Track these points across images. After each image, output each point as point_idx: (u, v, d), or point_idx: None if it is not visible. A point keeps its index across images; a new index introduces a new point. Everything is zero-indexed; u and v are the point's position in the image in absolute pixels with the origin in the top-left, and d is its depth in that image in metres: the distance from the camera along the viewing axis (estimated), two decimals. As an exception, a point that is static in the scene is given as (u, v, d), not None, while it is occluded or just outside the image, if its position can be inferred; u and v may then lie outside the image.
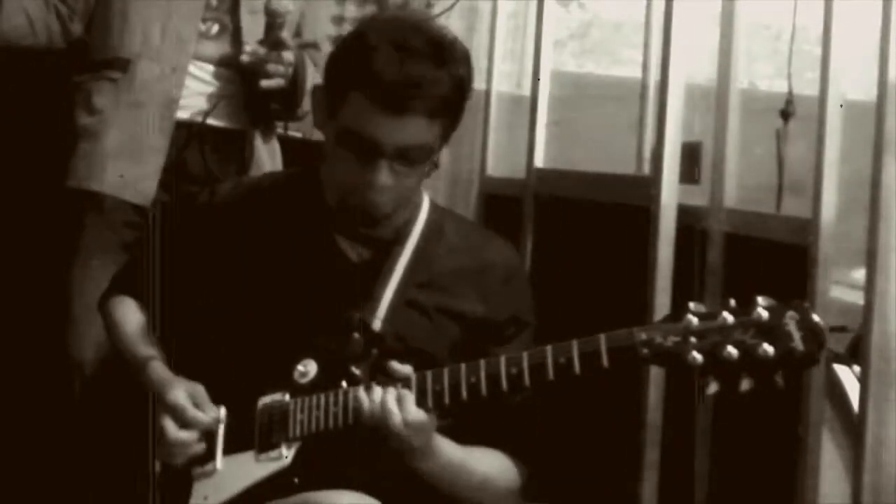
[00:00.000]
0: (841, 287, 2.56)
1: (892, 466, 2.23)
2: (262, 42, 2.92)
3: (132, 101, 2.91)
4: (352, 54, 2.06)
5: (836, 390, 2.53)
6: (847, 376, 2.55)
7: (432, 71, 2.00)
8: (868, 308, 2.25)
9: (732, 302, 1.89)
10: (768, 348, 1.83)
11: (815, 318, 1.85)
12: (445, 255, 2.18)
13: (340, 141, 2.06)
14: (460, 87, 2.06)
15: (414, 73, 1.99)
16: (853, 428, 2.34)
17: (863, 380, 2.27)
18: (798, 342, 1.83)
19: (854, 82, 2.43)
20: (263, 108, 3.02)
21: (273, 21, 2.91)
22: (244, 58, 2.91)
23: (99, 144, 2.91)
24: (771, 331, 1.84)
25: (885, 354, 2.24)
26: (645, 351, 1.89)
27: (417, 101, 1.99)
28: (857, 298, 2.32)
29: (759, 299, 1.87)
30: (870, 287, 2.25)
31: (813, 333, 1.84)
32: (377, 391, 1.99)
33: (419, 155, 2.05)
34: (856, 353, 2.34)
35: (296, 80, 2.95)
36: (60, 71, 3.03)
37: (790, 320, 1.84)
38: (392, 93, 1.99)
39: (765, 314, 1.85)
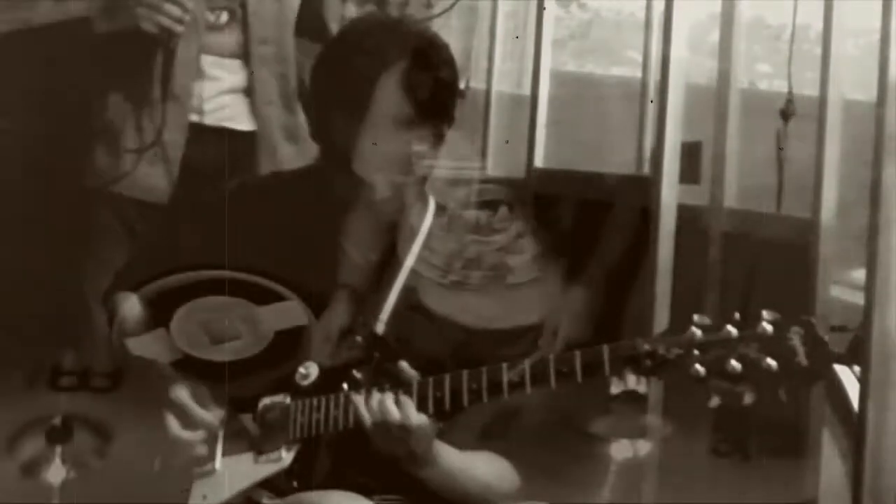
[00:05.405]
0: (841, 287, 2.56)
1: (893, 467, 2.23)
2: None
3: (153, 97, 2.84)
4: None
5: (836, 390, 2.53)
6: (847, 376, 2.54)
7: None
8: (868, 308, 2.25)
9: (737, 315, 1.87)
10: (772, 363, 1.82)
11: (820, 333, 1.83)
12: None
13: None
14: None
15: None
16: (853, 428, 2.34)
17: (863, 380, 2.26)
18: (802, 357, 1.82)
19: (854, 82, 2.43)
20: None
21: None
22: None
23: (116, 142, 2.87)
24: (775, 345, 1.83)
25: (885, 354, 2.24)
26: (648, 362, 1.89)
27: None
28: (857, 298, 2.32)
29: (764, 313, 1.85)
30: (870, 287, 2.25)
31: (817, 349, 1.82)
32: (376, 397, 1.99)
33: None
34: (856, 353, 2.34)
35: None
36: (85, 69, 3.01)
37: (795, 335, 1.83)
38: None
39: (769, 328, 1.84)
